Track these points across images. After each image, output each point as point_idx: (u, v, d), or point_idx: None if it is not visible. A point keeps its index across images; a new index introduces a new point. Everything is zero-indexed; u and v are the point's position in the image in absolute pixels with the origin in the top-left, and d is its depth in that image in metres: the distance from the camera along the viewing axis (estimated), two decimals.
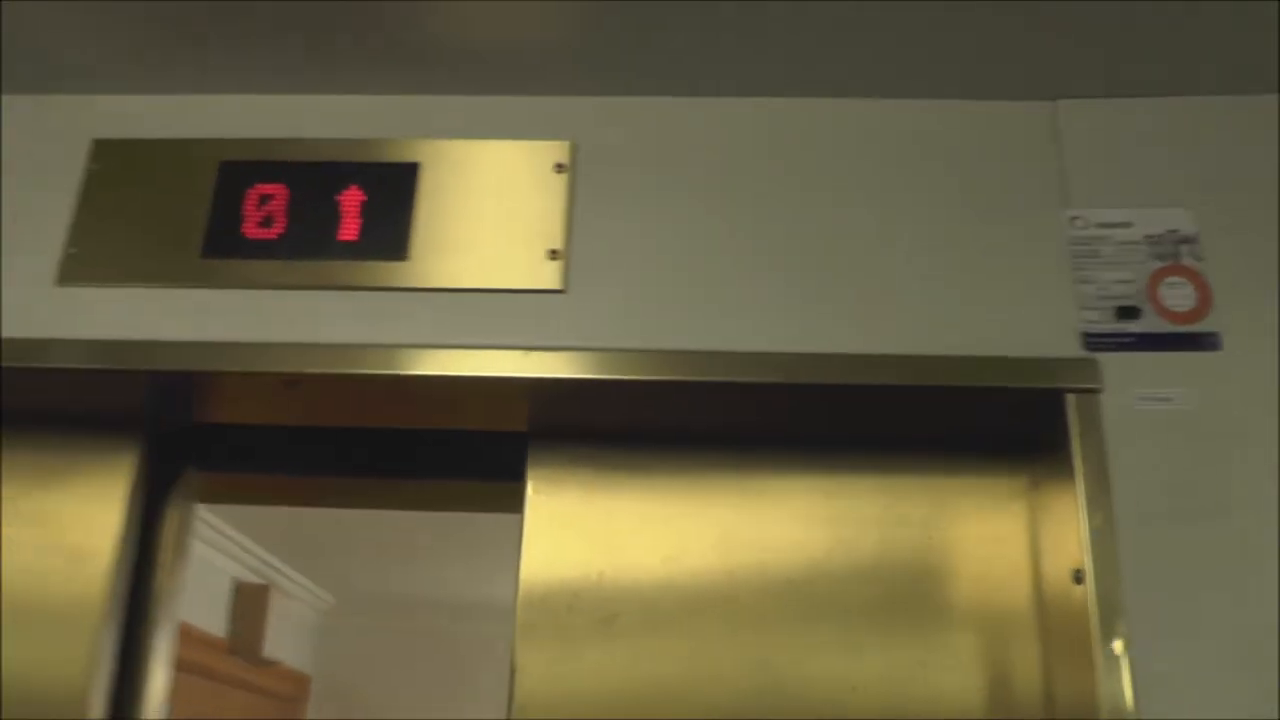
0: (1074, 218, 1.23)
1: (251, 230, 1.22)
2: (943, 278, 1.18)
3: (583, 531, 1.23)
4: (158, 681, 1.26)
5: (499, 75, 1.25)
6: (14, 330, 1.21)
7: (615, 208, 1.21)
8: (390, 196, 1.22)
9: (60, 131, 1.31)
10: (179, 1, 1.18)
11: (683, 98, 1.26)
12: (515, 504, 1.24)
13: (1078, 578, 1.10)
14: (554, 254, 1.18)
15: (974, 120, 1.25)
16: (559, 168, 1.22)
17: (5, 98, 1.32)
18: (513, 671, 1.17)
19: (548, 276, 1.17)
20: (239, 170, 1.25)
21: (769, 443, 1.26)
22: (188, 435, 1.33)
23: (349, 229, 1.21)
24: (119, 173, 1.28)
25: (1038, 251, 1.20)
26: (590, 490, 1.25)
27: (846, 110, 1.26)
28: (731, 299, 1.17)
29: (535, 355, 1.14)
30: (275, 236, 1.22)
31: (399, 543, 3.23)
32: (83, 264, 1.24)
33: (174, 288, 1.22)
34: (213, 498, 1.40)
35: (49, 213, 1.27)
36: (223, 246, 1.22)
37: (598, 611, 1.20)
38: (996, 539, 1.23)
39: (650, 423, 1.24)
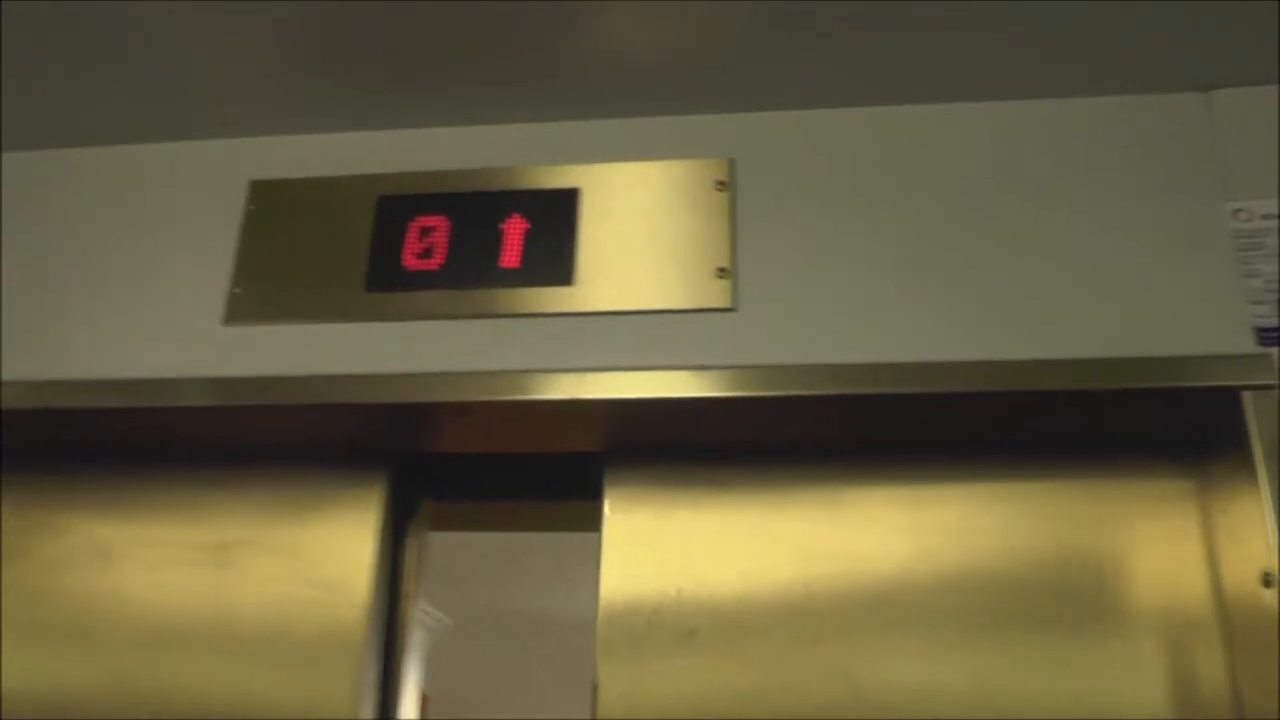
0: (1237, 210, 1.21)
1: (413, 262, 1.23)
2: (1108, 278, 1.16)
3: (660, 548, 1.23)
4: (410, 710, 1.27)
5: (653, 96, 1.25)
6: (184, 370, 1.23)
7: (778, 222, 1.21)
8: (552, 222, 1.22)
9: (218, 175, 1.33)
10: (328, 43, 1.20)
11: (838, 109, 1.25)
12: (593, 523, 1.25)
13: (1267, 581, 1.08)
14: (722, 272, 1.18)
15: (1129, 115, 1.23)
16: (720, 185, 1.22)
17: (163, 145, 1.34)
18: (595, 688, 1.17)
19: (717, 295, 1.17)
20: (398, 204, 1.26)
21: (846, 453, 1.25)
22: (421, 465, 1.34)
23: (512, 257, 1.21)
24: (277, 212, 1.30)
25: (1202, 247, 1.17)
26: (666, 507, 1.25)
27: (1003, 113, 1.24)
28: (901, 309, 1.16)
29: (711, 374, 1.14)
30: (437, 267, 1.23)
31: (506, 561, 3.24)
32: (248, 303, 1.26)
33: (339, 322, 1.23)
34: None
35: (212, 255, 1.29)
36: (386, 280, 1.23)
37: (677, 627, 1.19)
38: (1166, 543, 1.20)
39: (726, 438, 1.24)
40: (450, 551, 3.15)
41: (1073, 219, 1.19)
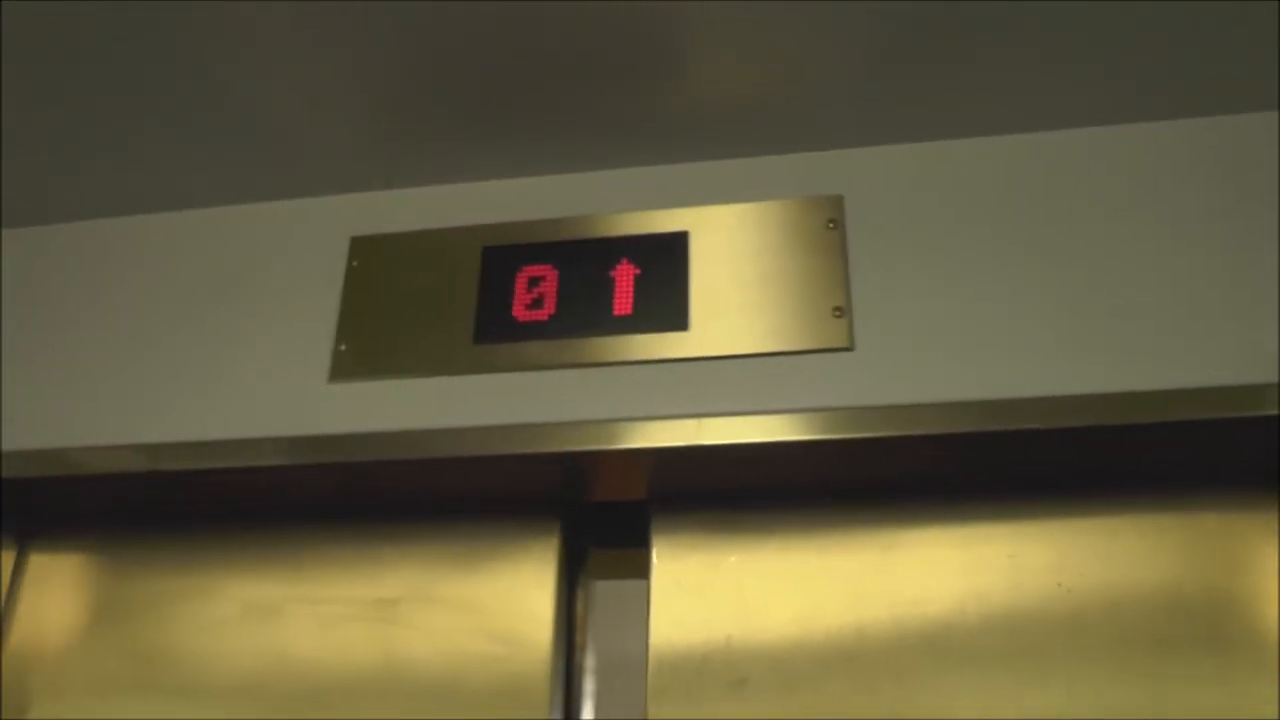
0: None
1: (522, 313, 1.22)
2: (1239, 302, 1.14)
3: (709, 595, 1.22)
4: None
5: (757, 135, 1.24)
6: (294, 429, 1.22)
7: (892, 259, 1.19)
8: (663, 267, 1.21)
9: (319, 232, 1.33)
10: (424, 95, 1.20)
11: (943, 141, 1.23)
12: (640, 570, 1.24)
13: None
14: (838, 311, 1.16)
15: (1229, 136, 1.21)
16: (831, 223, 1.21)
17: (263, 205, 1.35)
18: None
19: (834, 335, 1.15)
20: (504, 254, 1.25)
21: (895, 494, 1.23)
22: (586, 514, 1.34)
23: (623, 304, 1.20)
24: (379, 267, 1.29)
25: None
26: (714, 553, 1.24)
27: (1107, 139, 1.22)
28: (1018, 343, 1.13)
29: (834, 415, 1.12)
30: (547, 317, 1.21)
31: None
32: (353, 359, 1.25)
33: (448, 375, 1.22)
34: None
35: (315, 312, 1.29)
36: (494, 331, 1.22)
37: (728, 674, 1.17)
38: (1240, 574, 1.17)
39: (773, 482, 1.22)
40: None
41: (1195, 243, 1.16)
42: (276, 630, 1.30)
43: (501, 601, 1.26)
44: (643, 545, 1.25)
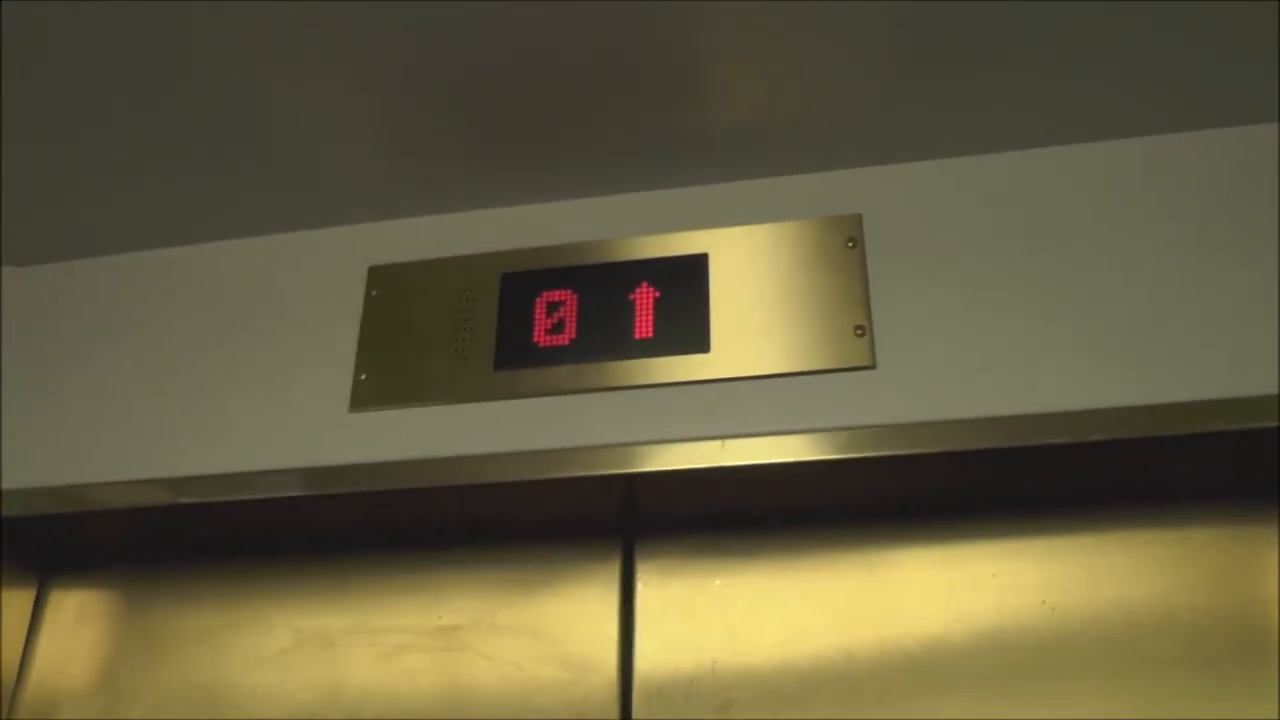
0: None
1: (543, 338, 1.22)
2: (1250, 316, 1.13)
3: (694, 620, 1.23)
4: None
5: (774, 156, 1.24)
6: (316, 459, 1.22)
7: (911, 276, 1.19)
8: (683, 290, 1.21)
9: (336, 262, 1.33)
10: (440, 123, 1.21)
11: (961, 158, 1.24)
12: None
13: None
14: (859, 330, 1.16)
15: (1257, 147, 1.22)
16: (850, 242, 1.21)
17: (279, 236, 1.35)
18: None
19: (856, 353, 1.15)
20: (523, 280, 1.26)
21: (880, 516, 1.24)
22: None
23: (644, 327, 1.20)
24: (397, 296, 1.29)
25: None
26: (700, 577, 1.25)
27: (1126, 151, 1.22)
28: (1042, 358, 1.13)
29: (860, 434, 1.12)
30: (568, 342, 1.21)
31: None
32: (374, 389, 1.25)
33: (468, 403, 1.22)
34: None
35: (335, 342, 1.29)
36: (515, 358, 1.22)
37: (715, 698, 1.17)
38: (1244, 589, 1.17)
39: (760, 505, 1.23)
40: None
41: (1211, 257, 1.16)
42: (333, 662, 1.29)
43: (568, 627, 1.26)
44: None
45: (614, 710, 1.21)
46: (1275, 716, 1.09)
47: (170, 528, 1.33)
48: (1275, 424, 1.09)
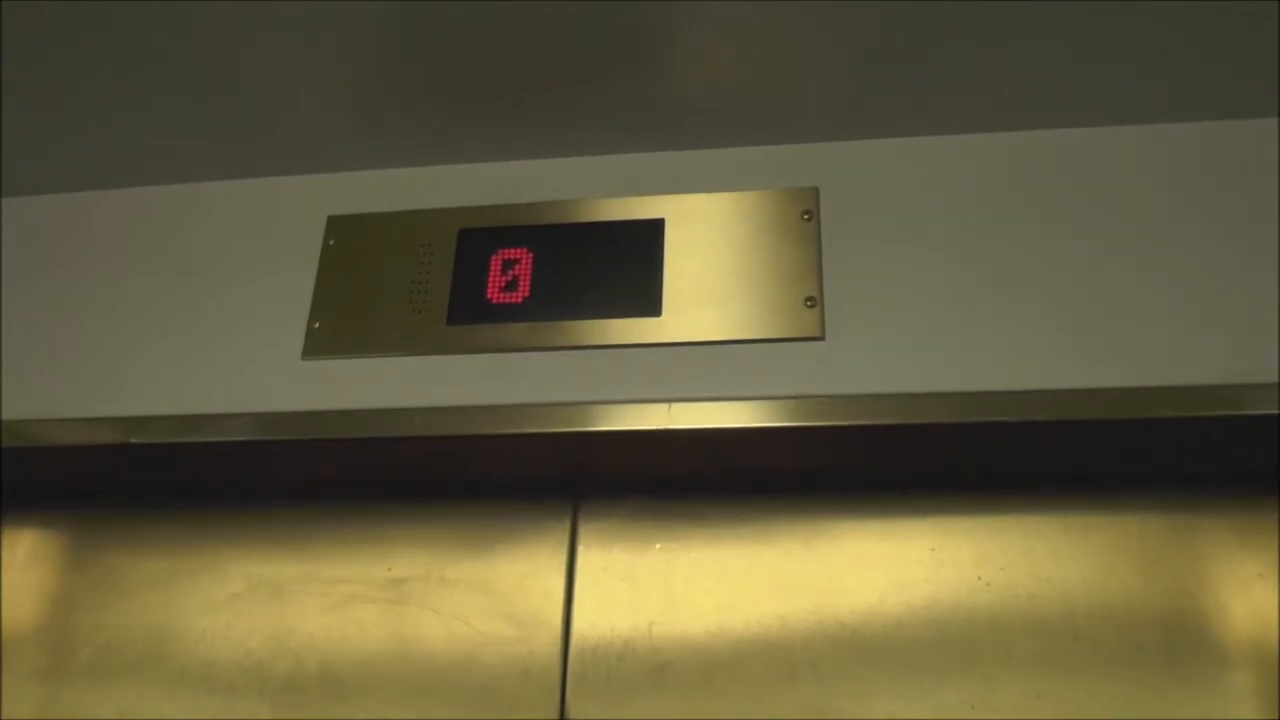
0: None
1: (496, 295, 1.23)
2: (1198, 306, 1.15)
3: (634, 582, 1.24)
4: None
5: (736, 127, 1.25)
6: (266, 405, 1.22)
7: (865, 251, 1.20)
8: (637, 254, 1.22)
9: (296, 210, 1.33)
10: (405, 78, 1.21)
11: (920, 137, 1.25)
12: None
13: None
14: (810, 301, 1.17)
15: (1209, 140, 1.22)
16: (806, 215, 1.21)
17: (240, 181, 1.35)
18: None
19: (806, 324, 1.16)
20: (479, 237, 1.26)
21: (827, 486, 1.26)
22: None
23: (597, 288, 1.20)
24: (355, 247, 1.29)
25: None
26: (641, 540, 1.26)
27: (1084, 139, 1.23)
28: (990, 337, 1.15)
29: (807, 403, 1.13)
30: (521, 300, 1.22)
31: None
32: (327, 337, 1.25)
33: (420, 355, 1.22)
34: None
35: (291, 289, 1.29)
36: (468, 313, 1.23)
37: (649, 660, 1.19)
38: (1170, 573, 1.19)
39: (703, 471, 1.24)
40: None
41: (1161, 246, 1.17)
42: (283, 609, 1.30)
43: (517, 584, 1.27)
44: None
45: (556, 668, 1.22)
46: (1199, 699, 1.11)
47: (121, 468, 1.33)
48: (1218, 414, 1.09)
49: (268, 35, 1.16)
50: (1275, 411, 1.09)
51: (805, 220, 1.20)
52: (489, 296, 1.22)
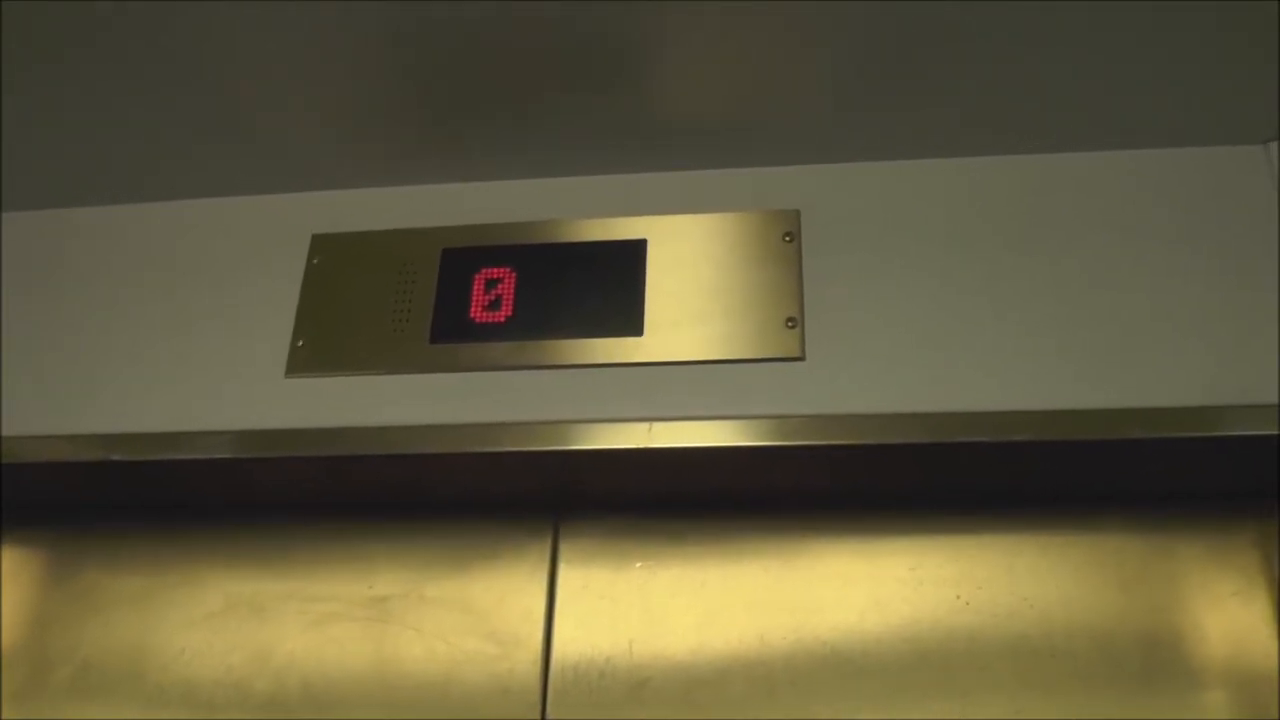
0: None
1: (479, 314, 1.23)
2: (1175, 328, 1.16)
3: (614, 600, 1.25)
4: None
5: (719, 148, 1.26)
6: (249, 422, 1.22)
7: (846, 273, 1.21)
8: (620, 274, 1.22)
9: (280, 228, 1.34)
10: (390, 98, 1.21)
11: (902, 161, 1.26)
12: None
13: None
14: (791, 322, 1.18)
15: (1192, 166, 1.24)
16: (787, 237, 1.23)
17: (225, 200, 1.35)
18: None
19: (787, 345, 1.17)
20: (463, 256, 1.26)
21: (807, 505, 1.26)
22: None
23: (580, 308, 1.21)
24: (339, 265, 1.30)
25: (1266, 297, 1.18)
26: (622, 559, 1.27)
27: (1067, 164, 1.25)
28: (969, 358, 1.16)
29: (787, 423, 1.14)
30: (504, 319, 1.22)
31: None
32: (310, 355, 1.25)
33: (403, 374, 1.23)
34: None
35: (274, 307, 1.29)
36: (451, 332, 1.23)
37: (630, 678, 1.20)
38: (1147, 592, 1.20)
39: (684, 490, 1.25)
40: None
41: (1139, 269, 1.19)
42: (263, 627, 1.30)
43: (496, 603, 1.28)
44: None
45: (536, 686, 1.22)
46: (1176, 716, 1.12)
47: (102, 485, 1.33)
48: (1194, 434, 1.11)
49: (253, 55, 1.16)
50: (1251, 432, 1.10)
51: (786, 242, 1.21)
52: (472, 315, 1.22)
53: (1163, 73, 1.15)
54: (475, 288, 1.24)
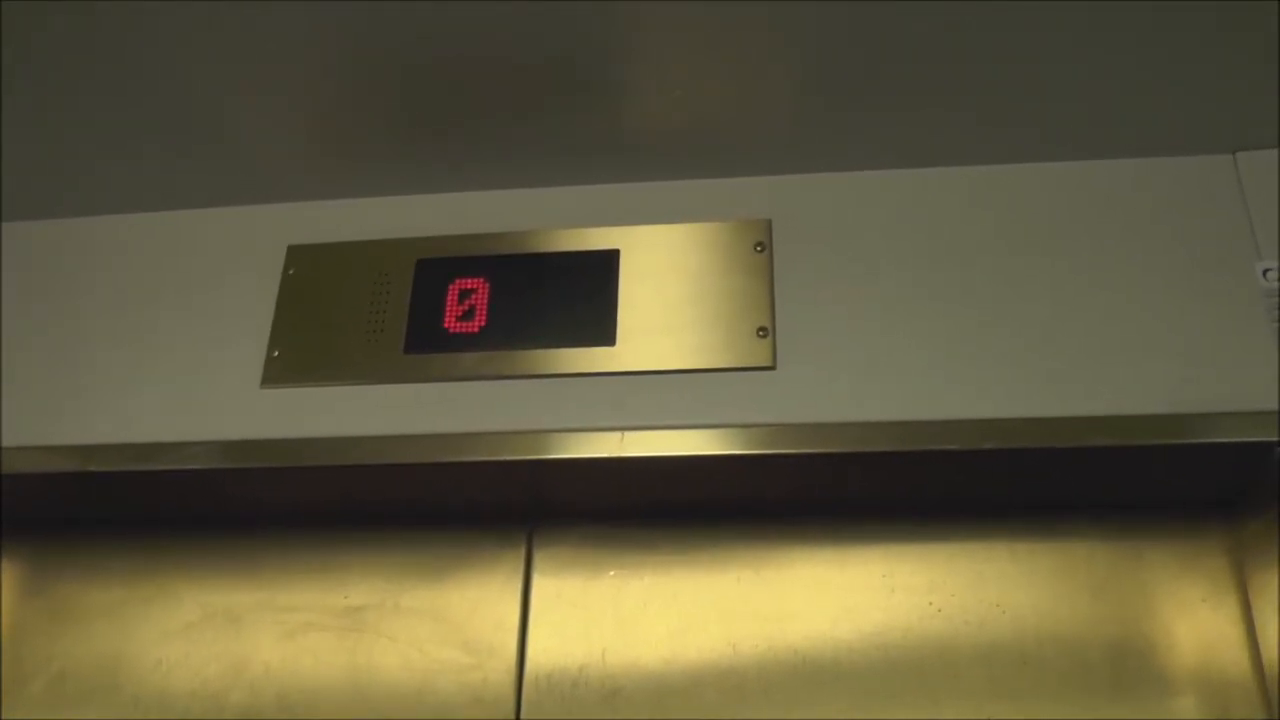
0: (1266, 270, 1.23)
1: (453, 324, 1.24)
2: (1142, 336, 1.17)
3: (587, 609, 1.26)
4: None
5: (691, 159, 1.27)
6: (224, 433, 1.23)
7: (817, 283, 1.22)
8: (593, 284, 1.23)
9: (256, 239, 1.34)
10: (365, 109, 1.22)
11: (873, 171, 1.27)
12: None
13: None
14: (762, 331, 1.19)
15: (1159, 177, 1.24)
16: (759, 246, 1.24)
17: (200, 211, 1.36)
18: None
19: (758, 354, 1.18)
20: (437, 267, 1.27)
21: (778, 514, 1.27)
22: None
23: (553, 318, 1.22)
24: (315, 276, 1.30)
25: (1233, 305, 1.18)
26: (594, 568, 1.28)
27: (1036, 175, 1.26)
28: (940, 367, 1.17)
29: (758, 431, 1.14)
30: (477, 329, 1.23)
31: None
32: (286, 366, 1.26)
33: (377, 384, 1.23)
34: None
35: (250, 318, 1.29)
36: (425, 342, 1.24)
37: (602, 687, 1.21)
38: (1117, 599, 1.21)
39: (656, 499, 1.26)
40: None
41: (1106, 279, 1.20)
42: (239, 638, 1.30)
43: (470, 612, 1.28)
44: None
45: (510, 695, 1.22)
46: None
47: (78, 496, 1.33)
48: (1162, 442, 1.12)
49: (229, 67, 1.17)
50: (1219, 440, 1.11)
51: (758, 252, 1.22)
52: (446, 326, 1.23)
53: (1130, 84, 1.16)
54: (449, 298, 1.24)
